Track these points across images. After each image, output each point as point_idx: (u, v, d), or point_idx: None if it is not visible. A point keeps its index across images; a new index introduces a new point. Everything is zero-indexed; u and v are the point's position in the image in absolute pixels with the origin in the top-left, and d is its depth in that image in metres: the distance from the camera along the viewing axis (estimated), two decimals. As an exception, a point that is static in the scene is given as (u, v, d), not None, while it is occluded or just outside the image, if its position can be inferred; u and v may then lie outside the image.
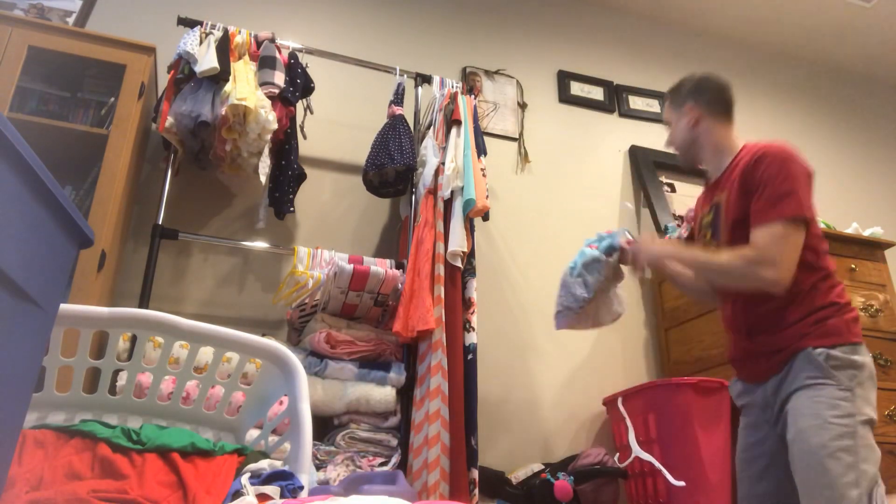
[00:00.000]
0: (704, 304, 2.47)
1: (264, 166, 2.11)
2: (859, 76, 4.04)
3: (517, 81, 3.10)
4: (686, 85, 1.66)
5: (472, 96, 2.53)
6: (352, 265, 2.01)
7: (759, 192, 1.41)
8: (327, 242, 2.43)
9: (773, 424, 1.46)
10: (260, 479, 0.83)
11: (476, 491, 1.94)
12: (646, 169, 3.05)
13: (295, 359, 1.12)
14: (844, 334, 1.39)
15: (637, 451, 2.17)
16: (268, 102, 2.06)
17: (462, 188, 2.20)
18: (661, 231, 2.78)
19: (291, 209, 2.21)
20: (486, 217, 2.50)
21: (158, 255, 2.04)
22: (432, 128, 2.41)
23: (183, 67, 2.08)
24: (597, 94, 3.25)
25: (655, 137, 3.23)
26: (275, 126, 2.06)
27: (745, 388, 1.54)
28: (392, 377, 1.99)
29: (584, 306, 1.61)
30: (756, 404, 1.50)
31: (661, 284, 2.79)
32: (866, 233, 2.82)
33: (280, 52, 2.23)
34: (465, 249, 2.15)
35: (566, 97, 3.17)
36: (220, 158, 2.16)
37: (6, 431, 0.62)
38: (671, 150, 1.71)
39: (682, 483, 1.99)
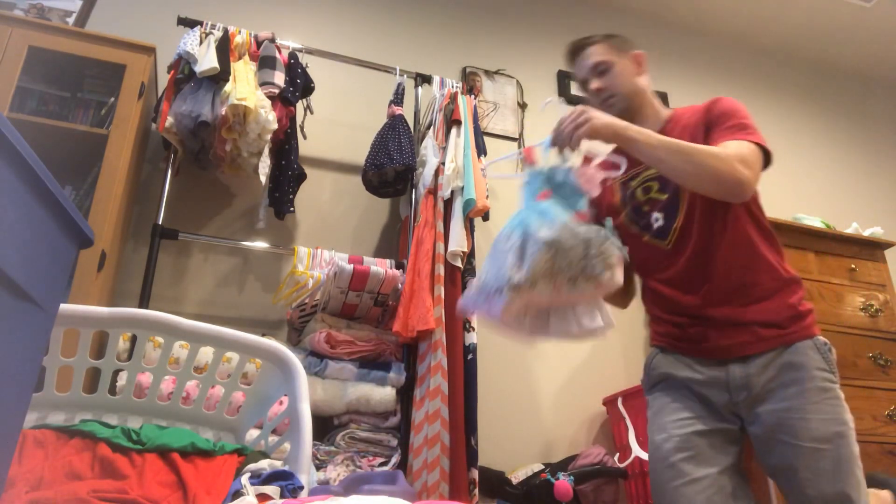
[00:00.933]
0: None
1: (264, 166, 2.11)
2: (859, 76, 4.04)
3: (517, 81, 3.10)
4: (624, 36, 1.51)
5: (472, 96, 2.53)
6: (352, 265, 2.01)
7: (722, 122, 1.27)
8: (327, 242, 2.43)
9: (732, 413, 1.24)
10: (260, 479, 0.83)
11: (476, 491, 1.94)
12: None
13: (295, 359, 1.12)
14: (816, 325, 1.25)
15: (637, 451, 2.17)
16: (268, 102, 2.06)
17: (462, 188, 2.20)
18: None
19: (291, 209, 2.21)
20: (486, 217, 2.50)
21: (158, 255, 2.04)
22: (432, 128, 2.41)
23: (183, 67, 2.08)
24: (597, 94, 3.25)
25: (655, 137, 3.23)
26: (275, 126, 2.06)
27: (693, 364, 1.29)
28: (392, 377, 1.99)
29: (509, 295, 1.03)
30: (715, 385, 1.25)
31: (661, 284, 2.79)
32: (866, 233, 2.82)
33: (280, 52, 2.23)
34: (465, 249, 2.15)
35: (566, 97, 3.17)
36: (220, 158, 2.16)
37: (6, 431, 0.62)
38: (600, 93, 1.43)
39: (682, 483, 1.99)
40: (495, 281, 1.06)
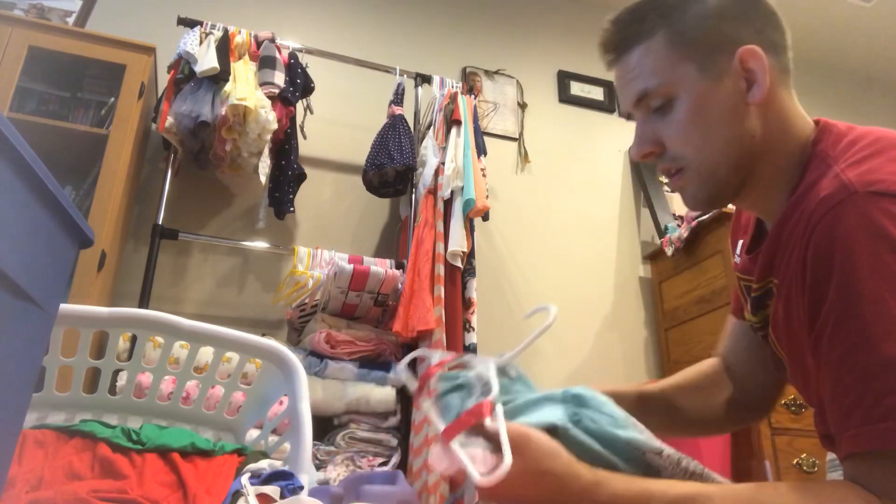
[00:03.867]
0: (704, 306, 2.46)
1: (264, 166, 2.11)
2: (859, 76, 4.04)
3: (517, 81, 3.10)
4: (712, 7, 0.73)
5: (472, 96, 2.53)
6: (352, 265, 2.01)
7: (833, 349, 0.63)
8: (327, 242, 2.42)
9: None
10: (260, 479, 0.83)
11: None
12: (645, 169, 3.05)
13: (295, 359, 1.11)
14: None
15: (637, 451, 2.17)
16: (268, 102, 2.06)
17: (462, 188, 2.20)
18: (662, 231, 2.78)
19: (291, 209, 2.21)
20: (486, 217, 2.50)
21: (158, 255, 2.04)
22: (432, 128, 2.41)
23: (183, 67, 2.08)
24: (597, 94, 3.25)
25: (655, 137, 3.23)
26: (275, 126, 2.06)
27: None
28: (392, 377, 1.99)
29: None
30: None
31: (660, 284, 2.79)
32: (866, 233, 2.81)
33: (280, 52, 2.23)
34: (465, 249, 2.15)
35: (566, 97, 3.17)
36: (220, 158, 2.16)
37: (6, 431, 0.62)
38: (655, 160, 0.78)
39: (682, 483, 1.99)
40: None
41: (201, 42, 2.13)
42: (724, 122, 0.72)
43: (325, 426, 1.96)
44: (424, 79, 2.59)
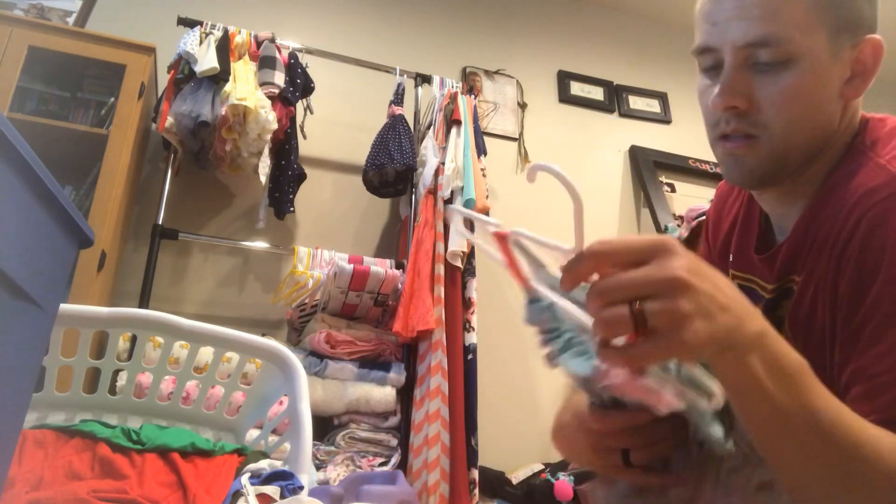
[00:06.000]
0: None
1: (264, 166, 2.11)
2: (859, 76, 4.04)
3: (517, 81, 3.10)
4: None
5: (472, 96, 2.53)
6: (352, 265, 2.01)
7: (875, 340, 0.58)
8: (327, 242, 2.42)
9: None
10: (260, 479, 0.83)
11: (476, 491, 1.94)
12: (646, 169, 3.06)
13: (295, 359, 1.11)
14: None
15: (637, 451, 2.17)
16: (268, 102, 2.06)
17: (462, 188, 2.20)
18: (662, 232, 2.78)
19: (291, 209, 2.21)
20: (486, 217, 2.50)
21: (158, 255, 2.04)
22: (432, 128, 2.41)
23: (183, 67, 2.08)
24: (597, 94, 3.25)
25: (655, 137, 3.23)
26: (275, 126, 2.06)
27: None
28: (392, 377, 1.99)
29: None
30: None
31: (661, 284, 2.78)
32: (866, 233, 2.81)
33: (280, 52, 2.23)
34: (465, 249, 2.15)
35: (566, 97, 3.17)
36: (220, 158, 2.16)
37: (6, 431, 0.62)
38: (735, 116, 0.67)
39: (682, 483, 1.99)
40: None
41: (201, 42, 2.13)
42: (823, 106, 0.65)
43: (325, 426, 1.96)
44: (424, 79, 2.59)
